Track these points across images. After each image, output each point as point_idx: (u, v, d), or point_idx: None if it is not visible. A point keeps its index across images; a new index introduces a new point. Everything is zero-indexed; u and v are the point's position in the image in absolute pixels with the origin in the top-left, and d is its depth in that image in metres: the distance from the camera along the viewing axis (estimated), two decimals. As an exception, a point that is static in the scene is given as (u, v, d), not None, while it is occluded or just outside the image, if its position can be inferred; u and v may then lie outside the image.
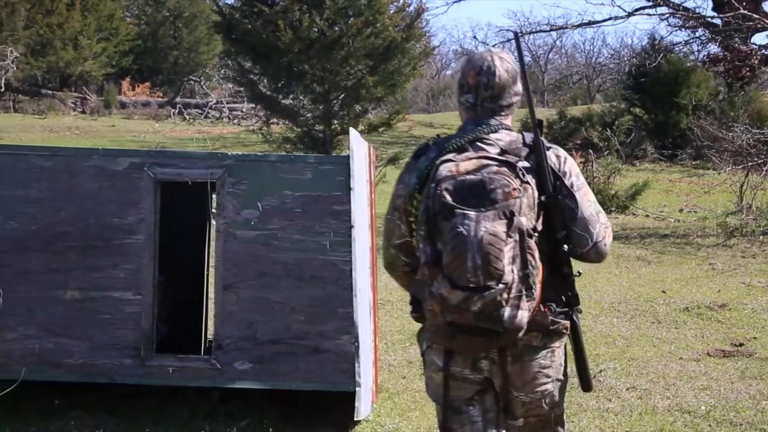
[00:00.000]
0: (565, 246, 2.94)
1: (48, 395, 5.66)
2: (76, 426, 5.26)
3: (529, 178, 2.85)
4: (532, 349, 2.95)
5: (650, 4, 27.61)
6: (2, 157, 5.51)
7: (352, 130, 5.60)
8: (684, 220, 15.22)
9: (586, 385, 3.13)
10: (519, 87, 3.09)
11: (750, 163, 15.37)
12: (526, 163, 2.90)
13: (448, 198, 2.77)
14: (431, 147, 3.03)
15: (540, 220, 2.87)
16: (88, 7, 40.70)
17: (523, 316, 2.77)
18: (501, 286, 2.72)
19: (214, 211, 5.83)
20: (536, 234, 2.83)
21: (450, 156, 2.90)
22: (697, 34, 28.84)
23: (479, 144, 2.96)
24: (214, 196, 5.69)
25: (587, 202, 3.00)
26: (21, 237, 5.41)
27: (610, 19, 27.42)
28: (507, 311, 2.74)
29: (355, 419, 5.24)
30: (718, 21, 26.30)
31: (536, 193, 2.86)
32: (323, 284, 5.33)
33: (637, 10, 26.89)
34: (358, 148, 5.56)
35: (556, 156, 3.04)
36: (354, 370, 5.26)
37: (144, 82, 43.12)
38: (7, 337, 5.36)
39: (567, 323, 2.97)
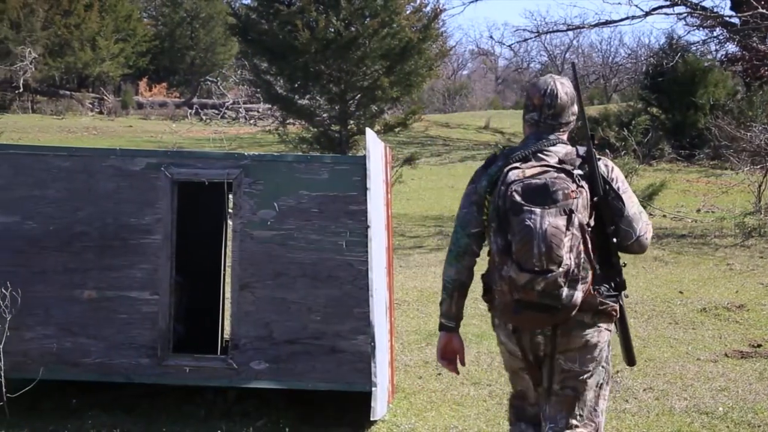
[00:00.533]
0: (614, 239, 3.45)
1: (66, 394, 5.69)
2: (93, 425, 5.28)
3: (583, 183, 3.38)
4: (583, 324, 3.46)
5: (668, 3, 27.50)
6: (21, 158, 5.54)
7: (368, 130, 5.60)
8: (701, 220, 15.15)
9: (630, 359, 3.66)
10: (575, 108, 3.61)
11: (768, 163, 15.28)
12: (580, 171, 3.42)
13: (518, 197, 3.31)
14: (499, 156, 3.58)
15: (592, 218, 3.40)
16: (105, 8, 40.87)
17: (578, 296, 3.31)
18: (561, 270, 3.25)
19: (230, 211, 5.85)
20: (590, 229, 3.36)
21: (516, 164, 3.43)
22: (715, 34, 28.73)
23: (540, 155, 3.48)
24: (230, 196, 5.71)
25: (631, 203, 3.53)
26: (39, 237, 5.44)
27: (627, 18, 27.28)
28: (565, 291, 3.27)
29: (371, 419, 5.24)
30: (736, 20, 26.17)
31: (589, 195, 3.38)
32: (339, 284, 5.34)
33: (654, 9, 26.80)
34: (375, 148, 5.56)
35: (605, 165, 3.55)
36: (370, 370, 5.26)
37: (161, 83, 43.31)
38: (25, 337, 5.39)
39: (616, 306, 3.47)
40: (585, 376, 3.55)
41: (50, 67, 37.44)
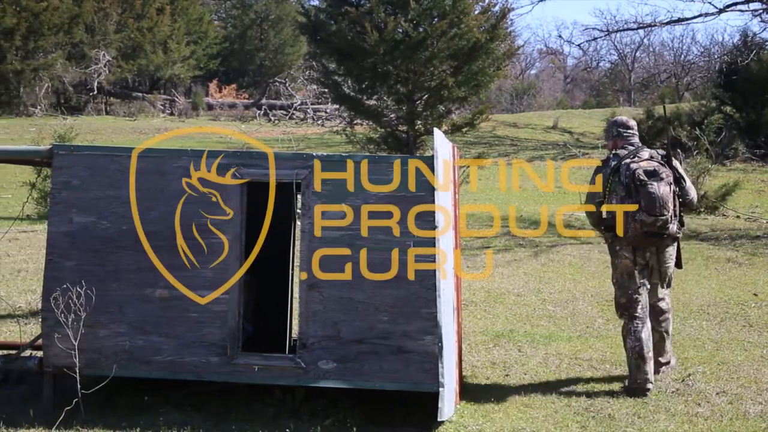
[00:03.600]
0: (680, 199, 6.12)
1: (138, 391, 5.79)
2: (164, 422, 5.36)
3: (668, 168, 6.06)
4: (668, 244, 6.17)
5: (742, -1, 26.89)
6: (96, 158, 5.65)
7: (436, 131, 5.59)
8: (777, 221, 14.80)
9: (679, 264, 6.31)
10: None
11: None
12: (665, 161, 6.13)
13: (643, 176, 5.95)
14: (611, 158, 6.20)
15: (676, 187, 6.06)
16: (177, 11, 41.54)
17: (674, 228, 6.05)
18: (669, 213, 5.96)
19: (299, 211, 5.88)
20: (677, 192, 6.06)
21: (628, 160, 6.08)
22: (792, 30, 27.97)
23: (637, 156, 6.12)
24: (299, 196, 5.75)
25: (688, 179, 6.28)
26: (113, 236, 5.55)
27: (700, 15, 26.68)
28: (671, 225, 6.01)
29: (439, 420, 5.23)
30: (813, 16, 25.47)
31: (672, 174, 6.06)
32: (407, 284, 5.34)
33: (728, 6, 26.20)
34: (443, 148, 5.55)
35: (673, 159, 6.19)
36: (437, 371, 5.26)
37: (230, 84, 43.84)
38: (99, 334, 5.51)
39: (680, 234, 6.16)
40: (669, 269, 6.23)
41: (123, 69, 38.19)
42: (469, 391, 6.12)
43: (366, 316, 5.38)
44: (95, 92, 36.69)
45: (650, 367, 6.04)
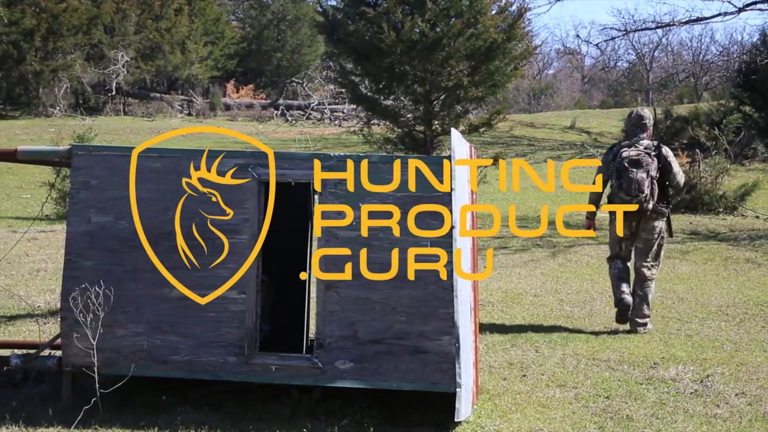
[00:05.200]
0: (667, 183, 7.84)
1: (156, 391, 5.81)
2: (182, 421, 5.38)
3: (655, 158, 7.72)
4: (652, 218, 7.80)
5: (762, -2, 26.66)
6: (114, 159, 5.67)
7: (453, 131, 5.57)
8: (797, 221, 14.69)
9: (670, 234, 8.08)
10: (651, 122, 8.02)
11: None
12: (655, 152, 7.75)
13: (626, 164, 7.64)
14: (614, 146, 7.95)
15: (658, 173, 7.71)
16: (195, 12, 41.69)
17: (651, 206, 7.70)
18: (645, 195, 7.67)
19: (316, 211, 5.88)
20: (656, 178, 7.70)
21: (624, 149, 7.74)
22: (812, 29, 27.74)
23: (636, 145, 7.78)
24: (316, 196, 5.75)
25: (676, 167, 7.88)
26: (130, 236, 5.57)
27: (719, 15, 26.45)
28: (645, 204, 7.66)
29: (456, 420, 5.23)
30: (833, 15, 25.24)
31: (657, 163, 7.72)
32: (424, 285, 5.34)
33: (748, 5, 25.96)
34: (460, 148, 5.54)
35: (665, 150, 7.85)
36: (454, 371, 5.25)
37: (248, 85, 43.94)
38: (117, 334, 5.53)
39: (666, 211, 7.86)
40: (653, 240, 7.89)
41: (142, 70, 38.35)
42: (487, 392, 6.11)
43: (383, 316, 5.38)
44: (114, 93, 36.86)
45: (626, 287, 7.91)
